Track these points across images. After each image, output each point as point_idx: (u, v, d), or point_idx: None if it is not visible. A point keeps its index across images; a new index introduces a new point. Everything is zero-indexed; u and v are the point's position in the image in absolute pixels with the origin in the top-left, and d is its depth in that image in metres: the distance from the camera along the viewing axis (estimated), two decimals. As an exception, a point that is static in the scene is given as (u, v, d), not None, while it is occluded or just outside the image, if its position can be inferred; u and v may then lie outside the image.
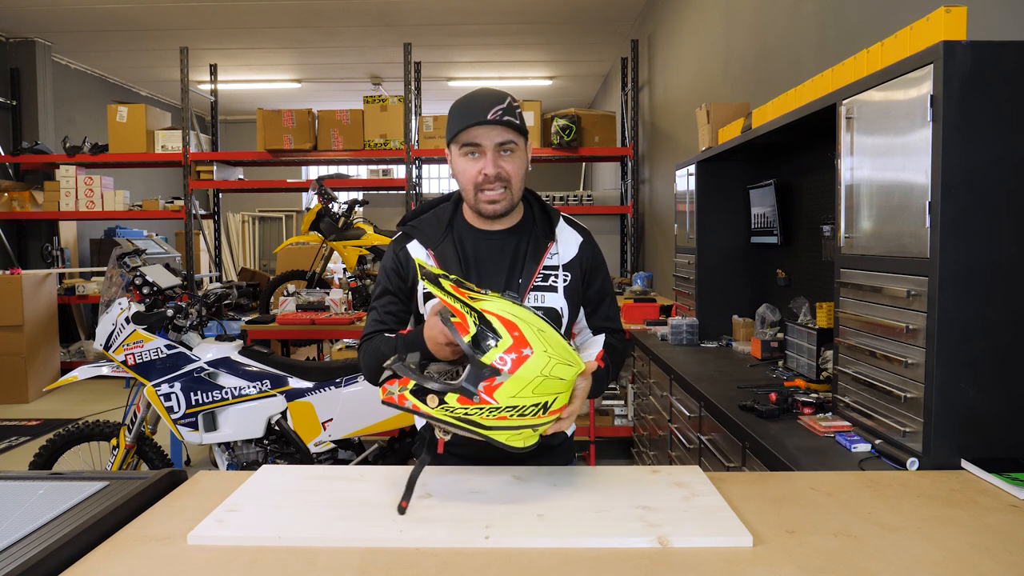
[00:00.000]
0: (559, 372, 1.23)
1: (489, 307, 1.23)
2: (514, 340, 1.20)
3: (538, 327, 1.24)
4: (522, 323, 1.22)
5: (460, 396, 1.21)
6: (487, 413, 1.21)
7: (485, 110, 1.44)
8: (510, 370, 1.20)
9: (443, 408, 1.22)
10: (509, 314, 1.23)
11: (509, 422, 1.23)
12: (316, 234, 5.05)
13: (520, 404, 1.22)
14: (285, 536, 1.17)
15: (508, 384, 1.20)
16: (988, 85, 1.50)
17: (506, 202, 1.51)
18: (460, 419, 1.22)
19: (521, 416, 1.23)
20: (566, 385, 1.26)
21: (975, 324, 1.52)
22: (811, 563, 1.08)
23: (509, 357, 1.20)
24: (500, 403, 1.21)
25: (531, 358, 1.20)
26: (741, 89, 4.01)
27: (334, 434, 3.13)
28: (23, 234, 7.87)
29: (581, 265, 1.60)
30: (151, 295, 3.29)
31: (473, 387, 1.20)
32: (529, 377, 1.21)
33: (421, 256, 1.58)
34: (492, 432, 1.24)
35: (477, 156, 1.49)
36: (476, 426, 1.23)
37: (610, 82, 9.32)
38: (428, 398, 1.23)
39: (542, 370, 1.21)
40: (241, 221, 12.67)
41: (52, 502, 1.26)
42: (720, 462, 2.23)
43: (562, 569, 1.07)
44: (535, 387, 1.22)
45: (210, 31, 7.70)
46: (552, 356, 1.23)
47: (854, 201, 1.89)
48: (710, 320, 3.52)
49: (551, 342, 1.24)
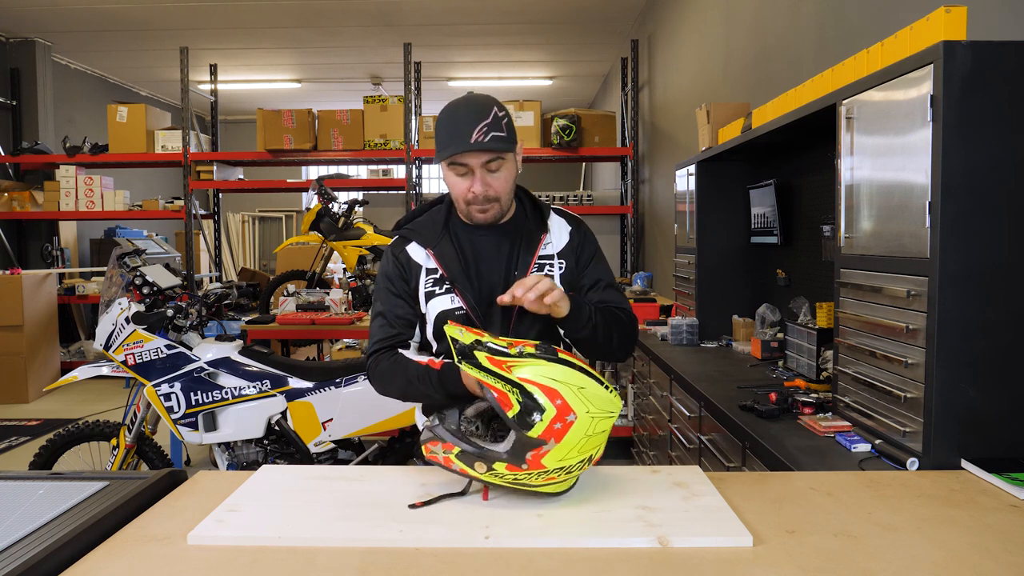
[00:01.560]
0: (601, 427, 1.24)
1: (528, 375, 1.22)
2: (558, 409, 1.21)
3: (578, 385, 1.23)
4: (563, 387, 1.22)
5: (509, 464, 1.23)
6: (536, 476, 1.23)
7: (469, 132, 1.44)
8: (556, 439, 1.21)
9: (492, 474, 1.24)
10: (549, 379, 1.22)
11: (557, 480, 1.25)
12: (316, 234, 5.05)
13: (568, 464, 1.23)
14: (285, 536, 1.17)
15: (555, 451, 1.21)
16: (988, 85, 1.50)
17: (494, 212, 1.55)
18: (510, 482, 1.25)
19: (568, 473, 1.25)
20: (606, 435, 1.27)
21: (975, 324, 1.52)
22: (811, 563, 1.08)
23: (554, 428, 1.20)
24: (549, 467, 1.22)
25: (576, 423, 1.21)
26: (741, 89, 4.01)
27: (334, 434, 3.13)
28: (23, 234, 7.86)
29: (574, 251, 1.63)
30: (151, 295, 3.29)
31: (521, 458, 1.22)
32: (575, 441, 1.22)
33: (421, 257, 1.59)
34: (541, 487, 1.26)
35: (465, 173, 1.50)
36: (526, 486, 1.26)
37: (610, 82, 9.32)
38: (476, 464, 1.25)
39: (586, 431, 1.22)
40: (241, 221, 12.67)
41: (52, 502, 1.26)
42: (720, 462, 2.23)
43: (562, 569, 1.07)
44: (580, 447, 1.23)
45: (210, 31, 7.70)
46: (595, 414, 1.23)
47: (854, 201, 1.89)
48: (710, 320, 3.52)
49: (592, 398, 1.24)
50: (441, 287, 1.56)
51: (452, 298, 1.55)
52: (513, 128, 1.53)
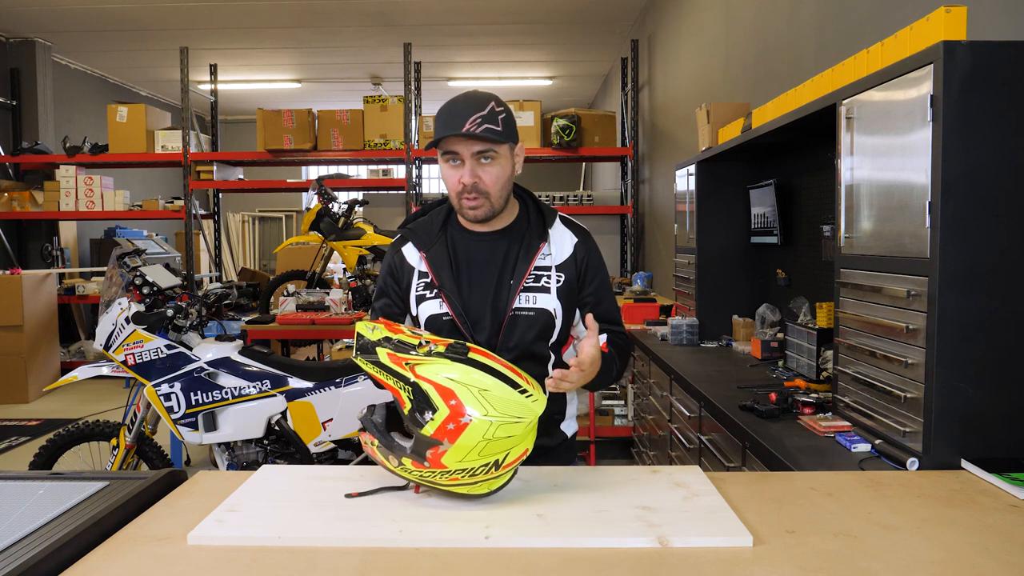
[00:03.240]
0: (505, 432, 1.22)
1: (427, 373, 1.23)
2: (451, 410, 1.20)
3: (480, 388, 1.22)
4: (460, 387, 1.21)
5: (413, 460, 1.24)
6: (439, 476, 1.24)
7: (463, 120, 1.44)
8: (450, 440, 1.20)
9: (402, 468, 1.26)
10: (446, 379, 1.22)
11: (462, 481, 1.25)
12: (316, 234, 5.05)
13: (469, 467, 1.23)
14: (285, 536, 1.17)
15: (452, 451, 1.21)
16: (988, 85, 1.50)
17: (485, 209, 1.52)
18: (419, 478, 1.26)
19: (472, 476, 1.24)
20: (517, 440, 1.24)
21: (975, 324, 1.52)
22: (811, 563, 1.08)
23: (447, 428, 1.20)
24: (449, 467, 1.22)
25: (471, 425, 1.20)
26: (741, 89, 4.01)
27: (334, 434, 3.13)
28: (23, 234, 7.86)
29: (576, 266, 1.60)
30: (151, 295, 3.29)
31: (421, 456, 1.23)
32: (471, 444, 1.20)
33: (415, 259, 1.60)
34: (452, 487, 1.26)
35: (457, 163, 1.49)
36: (434, 484, 1.26)
37: (610, 82, 9.31)
38: (389, 457, 1.27)
39: (484, 434, 1.20)
40: (241, 221, 12.67)
41: (52, 502, 1.26)
42: (720, 462, 2.23)
43: (562, 569, 1.07)
44: (480, 451, 1.22)
45: (210, 31, 7.70)
46: (495, 418, 1.21)
47: (854, 201, 1.89)
48: (710, 320, 3.52)
49: (495, 401, 1.22)
50: (431, 292, 1.56)
51: (440, 303, 1.54)
52: (512, 126, 1.51)
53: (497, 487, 1.29)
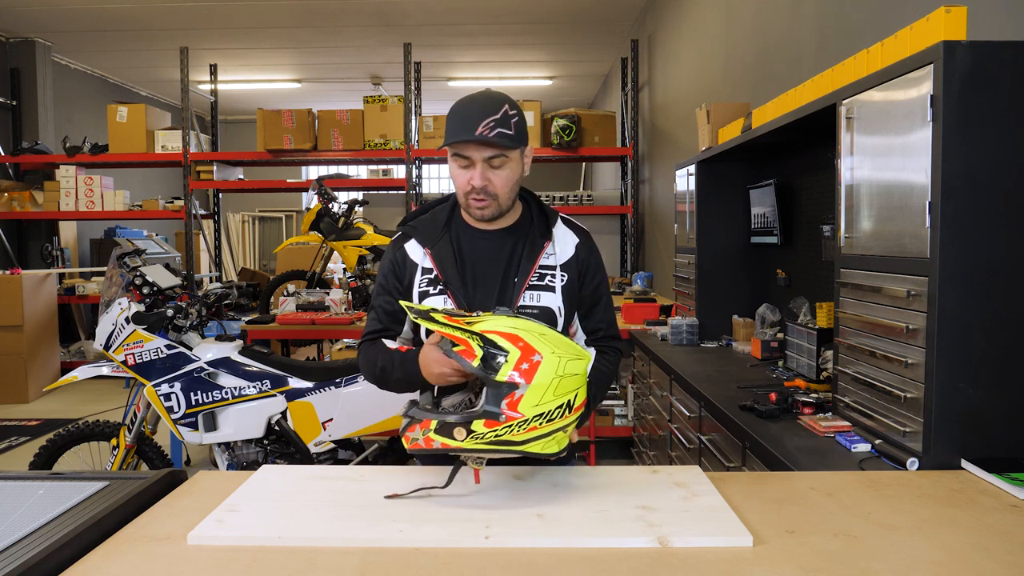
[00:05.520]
0: (572, 368, 1.25)
1: (487, 327, 1.23)
2: (521, 351, 1.21)
3: (539, 332, 1.25)
4: (524, 332, 1.23)
5: (486, 420, 1.21)
6: (517, 428, 1.22)
7: (475, 124, 1.44)
8: (527, 380, 1.20)
9: (472, 437, 1.23)
10: (509, 327, 1.23)
11: (540, 430, 1.23)
12: (316, 234, 5.05)
13: (546, 410, 1.22)
14: (285, 536, 1.17)
15: (529, 393, 1.21)
16: (988, 85, 1.50)
17: (492, 209, 1.54)
18: (492, 442, 1.23)
19: (549, 421, 1.24)
20: (582, 379, 1.28)
21: (975, 324, 1.52)
22: (811, 563, 1.08)
23: (522, 368, 1.20)
24: (527, 414, 1.21)
25: (543, 362, 1.22)
26: (741, 89, 4.01)
27: (334, 434, 3.13)
28: (23, 234, 7.86)
29: (578, 266, 1.61)
30: (151, 295, 3.29)
31: (496, 407, 1.21)
32: (547, 381, 1.22)
33: (418, 256, 1.60)
34: (526, 445, 1.24)
35: (468, 166, 1.50)
36: (509, 444, 1.23)
37: (610, 82, 9.31)
38: (455, 432, 1.23)
39: (556, 370, 1.22)
40: (241, 221, 12.67)
41: (52, 502, 1.26)
42: (720, 462, 2.23)
43: (562, 569, 1.07)
44: (555, 389, 1.23)
45: (210, 31, 7.70)
46: (561, 355, 1.24)
47: (854, 201, 1.89)
48: (710, 320, 3.52)
49: (556, 342, 1.25)
50: (435, 288, 1.56)
51: (445, 299, 1.55)
52: (524, 129, 1.52)
53: (564, 446, 1.29)
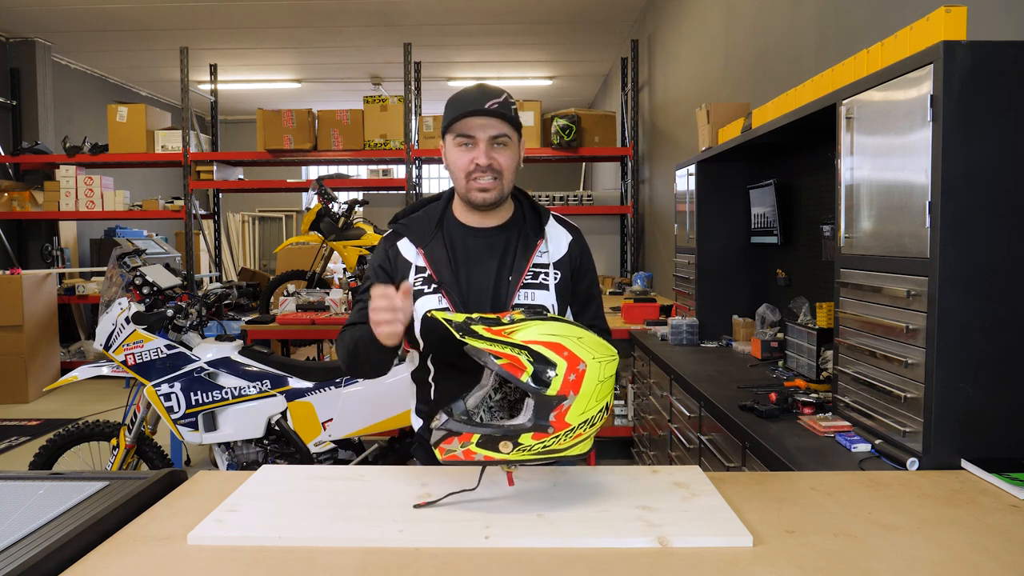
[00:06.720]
0: (608, 371, 1.25)
1: (527, 336, 1.21)
2: (567, 362, 1.20)
3: (576, 335, 1.24)
4: (565, 340, 1.22)
5: (535, 433, 1.21)
6: (564, 437, 1.22)
7: (481, 102, 1.47)
8: (575, 391, 1.20)
9: (519, 449, 1.22)
10: (549, 335, 1.22)
11: (583, 435, 1.24)
12: (316, 234, 5.05)
13: (589, 416, 1.23)
14: (285, 536, 1.17)
15: (576, 403, 1.21)
16: (988, 85, 1.50)
17: (496, 192, 1.52)
18: (539, 453, 1.23)
19: (592, 426, 1.24)
20: (614, 379, 1.28)
21: (975, 324, 1.52)
22: (811, 563, 1.08)
23: (569, 379, 1.20)
24: (573, 423, 1.21)
25: (587, 370, 1.21)
26: (741, 89, 4.01)
27: (334, 434, 3.13)
28: (23, 234, 7.86)
29: (571, 263, 1.62)
30: (151, 295, 3.29)
31: (545, 420, 1.20)
32: (592, 389, 1.22)
33: (411, 254, 1.59)
34: (569, 451, 1.24)
35: (470, 147, 1.50)
36: (555, 452, 1.23)
37: (610, 82, 9.31)
38: (500, 445, 1.22)
39: (598, 376, 1.22)
40: (241, 221, 12.67)
41: (52, 502, 1.26)
42: (720, 462, 2.23)
43: (562, 569, 1.07)
44: (597, 395, 1.23)
45: (210, 31, 7.70)
46: (600, 359, 1.23)
47: (854, 201, 1.89)
48: (710, 320, 3.52)
49: (593, 345, 1.24)
50: (429, 286, 1.56)
51: (439, 298, 1.54)
52: (519, 120, 1.55)
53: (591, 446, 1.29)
